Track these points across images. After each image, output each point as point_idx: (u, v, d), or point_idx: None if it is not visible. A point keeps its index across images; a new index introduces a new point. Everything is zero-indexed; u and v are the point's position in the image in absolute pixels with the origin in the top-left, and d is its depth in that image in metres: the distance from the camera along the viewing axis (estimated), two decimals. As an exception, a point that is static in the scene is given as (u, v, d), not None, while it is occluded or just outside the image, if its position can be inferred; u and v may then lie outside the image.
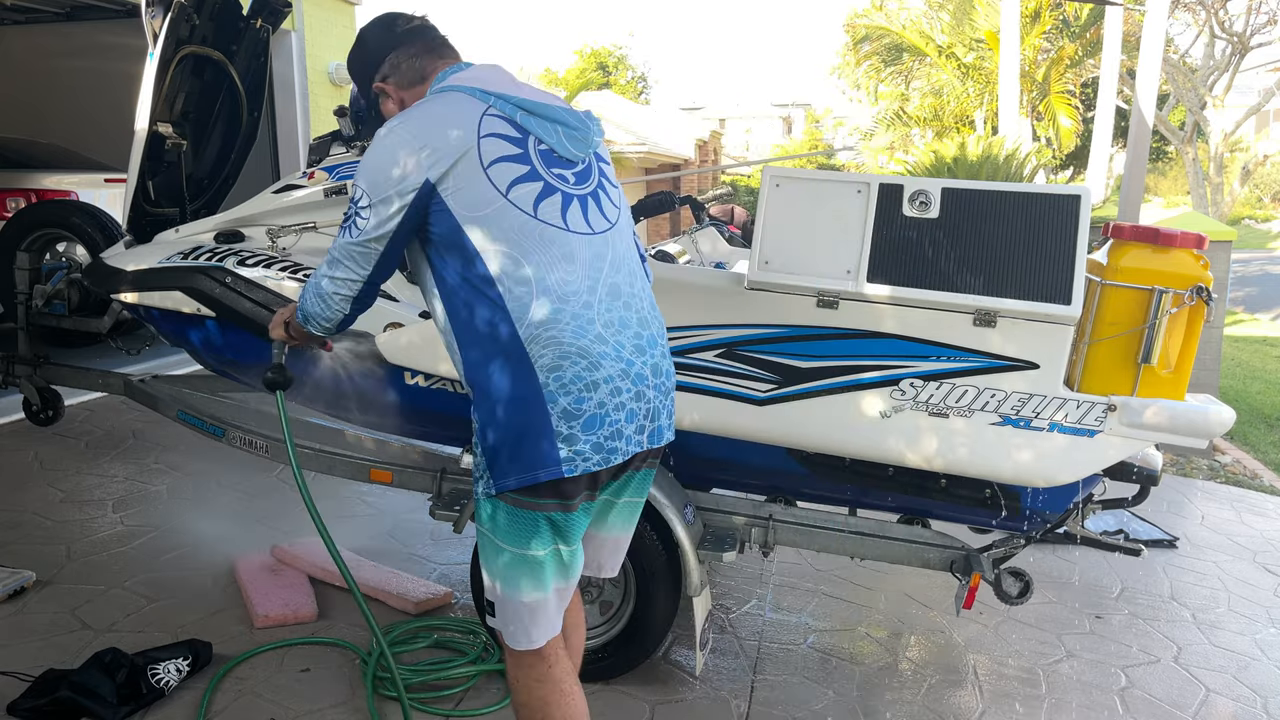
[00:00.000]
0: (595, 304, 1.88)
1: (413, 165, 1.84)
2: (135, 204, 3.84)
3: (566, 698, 1.97)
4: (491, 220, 1.84)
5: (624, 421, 1.87)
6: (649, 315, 1.99)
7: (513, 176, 1.87)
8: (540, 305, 1.82)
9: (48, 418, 4.56)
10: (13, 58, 9.77)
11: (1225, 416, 2.59)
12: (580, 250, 1.90)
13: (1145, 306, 2.57)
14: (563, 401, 1.81)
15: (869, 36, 19.58)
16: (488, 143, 1.87)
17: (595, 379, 1.83)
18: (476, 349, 1.87)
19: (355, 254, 1.92)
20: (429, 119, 1.90)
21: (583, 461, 1.83)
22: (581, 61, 36.09)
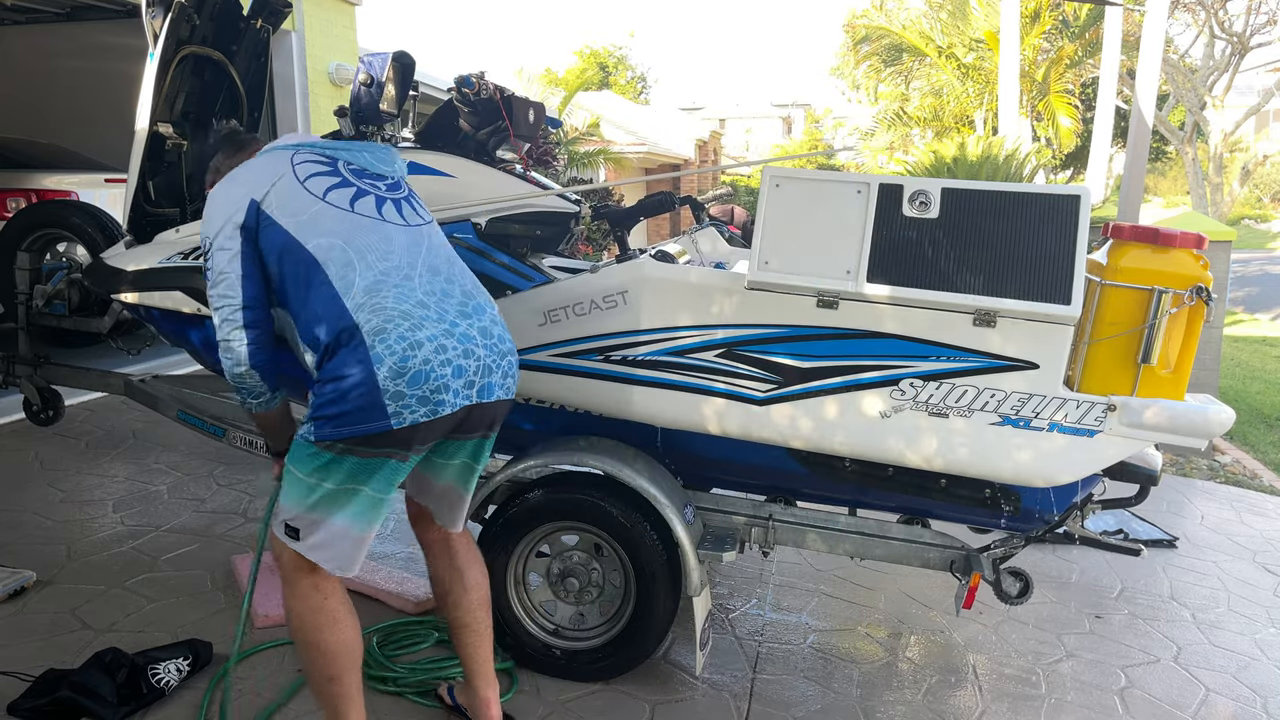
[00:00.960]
0: (415, 277, 2.17)
1: (237, 196, 2.18)
2: (135, 204, 3.84)
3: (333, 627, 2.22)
4: (314, 219, 2.16)
5: (451, 377, 2.09)
6: (473, 290, 2.29)
7: (328, 185, 2.23)
8: (363, 279, 2.10)
9: (48, 418, 4.56)
10: (13, 58, 9.77)
11: (1225, 416, 2.59)
12: (397, 236, 2.22)
13: (1145, 306, 2.57)
14: (389, 361, 2.03)
15: (869, 37, 19.57)
16: (301, 166, 2.25)
17: (419, 338, 2.06)
18: (316, 334, 2.10)
19: (220, 292, 2.16)
20: (243, 168, 2.30)
21: (410, 414, 2.05)
22: (581, 62, 36.09)
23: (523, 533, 2.92)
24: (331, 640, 2.21)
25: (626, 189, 14.15)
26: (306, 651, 2.23)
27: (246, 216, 2.15)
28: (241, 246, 2.15)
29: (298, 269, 2.12)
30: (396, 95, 3.62)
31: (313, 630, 2.21)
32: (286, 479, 2.18)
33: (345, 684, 2.23)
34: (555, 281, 3.15)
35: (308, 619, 2.21)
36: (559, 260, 3.70)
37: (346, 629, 2.23)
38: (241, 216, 2.15)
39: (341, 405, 2.04)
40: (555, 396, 2.91)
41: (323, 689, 2.25)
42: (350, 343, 2.05)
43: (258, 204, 2.16)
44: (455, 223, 3.43)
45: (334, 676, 2.22)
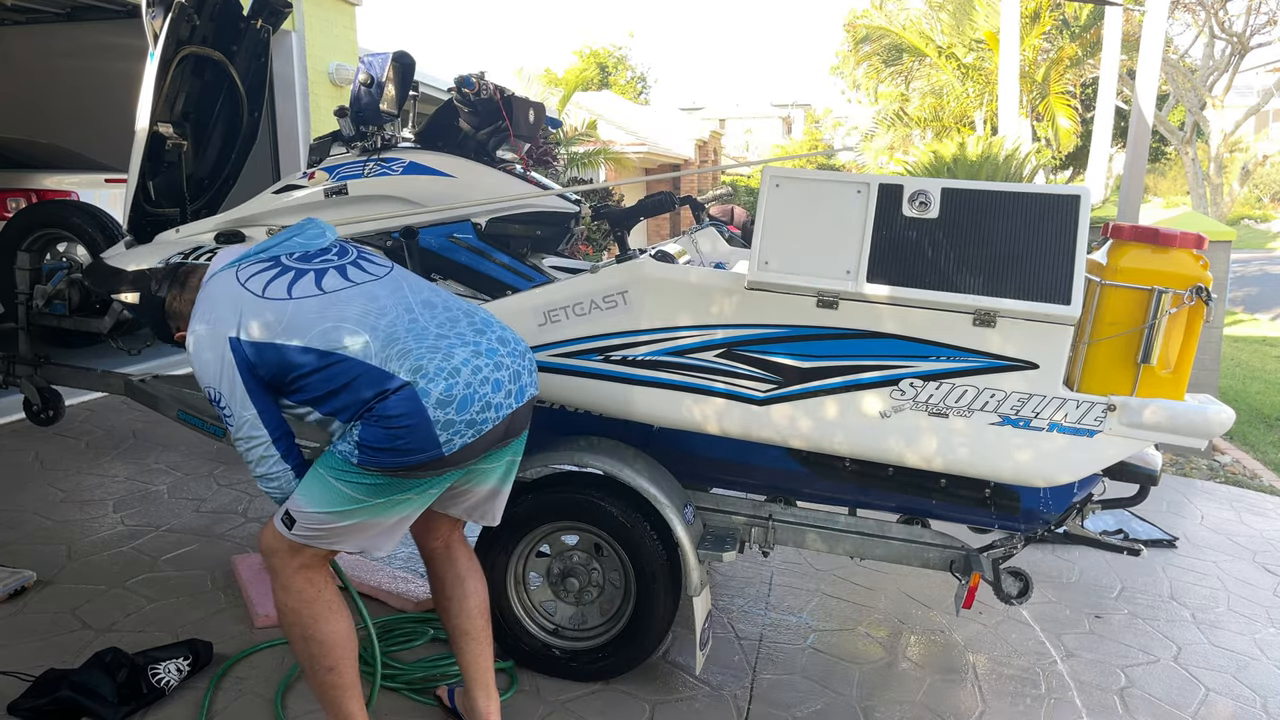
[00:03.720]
0: (419, 317, 2.18)
1: (214, 341, 2.13)
2: (136, 204, 3.84)
3: (330, 617, 2.24)
4: (296, 321, 2.12)
5: (491, 392, 2.14)
6: (471, 308, 2.30)
7: (287, 283, 2.20)
8: (376, 338, 2.10)
9: (48, 418, 4.55)
10: (13, 58, 9.77)
11: (1225, 416, 2.59)
12: (378, 290, 2.23)
13: (1145, 306, 2.57)
14: (435, 392, 2.05)
15: (870, 36, 19.58)
16: (252, 281, 2.21)
17: (454, 365, 2.09)
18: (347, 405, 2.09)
19: (245, 435, 2.15)
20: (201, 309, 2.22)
21: (459, 439, 2.09)
22: (581, 62, 36.09)
23: (523, 533, 2.92)
24: (328, 630, 2.22)
25: (626, 189, 14.15)
26: (304, 645, 2.23)
27: (236, 355, 2.12)
28: (244, 385, 2.12)
29: (305, 368, 2.10)
30: (396, 95, 3.63)
31: (309, 622, 2.22)
32: (313, 479, 2.16)
33: (343, 674, 2.25)
34: (555, 281, 3.15)
35: (303, 611, 2.22)
36: (559, 260, 3.71)
37: (342, 619, 2.25)
38: (232, 357, 2.12)
39: (394, 444, 2.05)
40: (555, 397, 2.91)
41: (322, 680, 2.25)
42: (393, 389, 2.05)
43: (235, 338, 2.12)
44: (455, 223, 3.43)
45: (332, 667, 2.23)
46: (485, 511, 2.49)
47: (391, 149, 3.48)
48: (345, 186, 3.45)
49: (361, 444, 2.07)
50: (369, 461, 2.07)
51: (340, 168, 3.48)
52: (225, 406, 2.14)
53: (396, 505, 2.17)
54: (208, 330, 2.15)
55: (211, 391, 2.15)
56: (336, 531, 2.17)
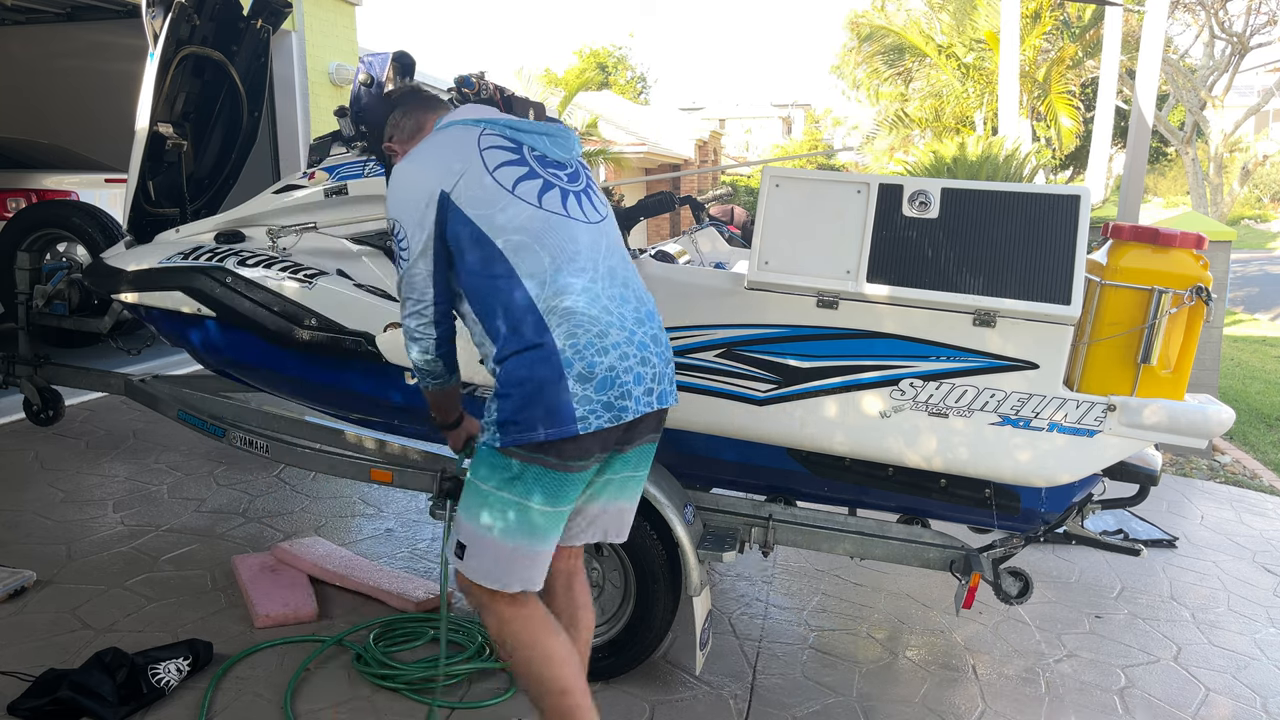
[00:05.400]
0: (599, 280, 2.11)
1: (427, 183, 2.10)
2: (136, 204, 3.84)
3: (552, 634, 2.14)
4: (502, 214, 2.08)
5: (632, 383, 2.06)
6: (644, 295, 2.23)
7: (516, 176, 2.13)
8: (553, 281, 2.05)
9: (48, 418, 4.56)
10: (13, 58, 9.77)
11: (1225, 416, 2.59)
12: (581, 235, 2.14)
13: (1145, 306, 2.57)
14: (578, 366, 2.00)
15: (871, 37, 19.58)
16: (489, 153, 2.14)
17: (605, 345, 2.03)
18: (500, 331, 2.06)
19: (413, 281, 2.14)
20: (430, 146, 2.19)
21: (595, 419, 2.01)
22: (581, 62, 36.09)
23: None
24: (554, 648, 2.12)
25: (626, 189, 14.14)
26: (532, 669, 2.11)
27: (438, 211, 2.08)
28: (432, 241, 2.10)
29: (486, 264, 2.07)
30: (396, 95, 3.62)
31: (530, 646, 2.12)
32: (467, 490, 2.13)
33: (578, 694, 2.12)
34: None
35: (523, 637, 2.12)
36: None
37: (558, 638, 2.15)
38: (433, 211, 2.08)
39: (529, 410, 2.00)
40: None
41: (558, 705, 2.11)
42: (539, 346, 2.01)
43: (447, 194, 2.08)
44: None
45: (566, 688, 2.11)
46: (611, 528, 2.34)
47: (391, 149, 3.48)
48: (345, 186, 3.44)
49: (500, 421, 2.02)
50: (509, 440, 2.01)
51: (340, 168, 3.48)
52: (405, 248, 2.11)
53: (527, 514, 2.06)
54: (424, 171, 2.11)
55: (397, 227, 2.12)
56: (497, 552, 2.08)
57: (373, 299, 3.21)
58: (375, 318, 3.12)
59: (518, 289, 2.05)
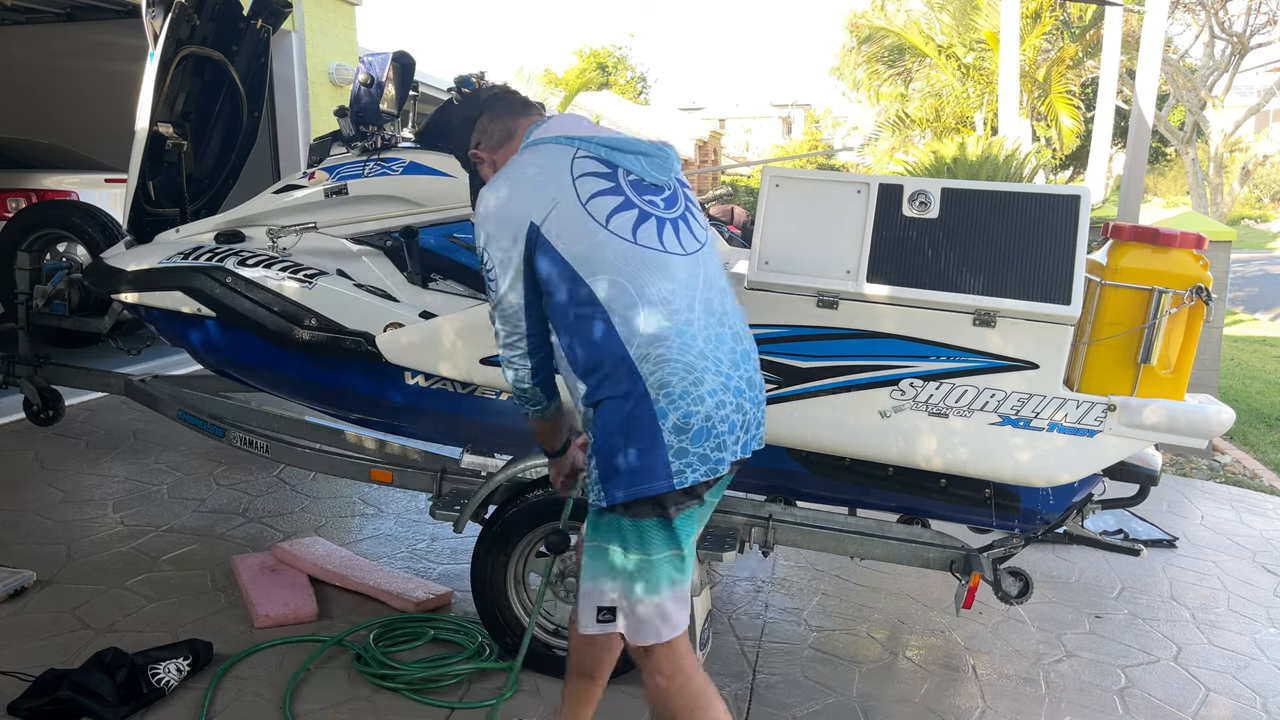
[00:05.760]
0: (695, 321, 1.98)
1: (516, 212, 1.97)
2: (136, 204, 3.84)
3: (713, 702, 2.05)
4: (594, 252, 1.95)
5: (727, 433, 1.96)
6: (741, 331, 2.10)
7: (610, 208, 2.00)
8: (647, 325, 1.93)
9: (48, 418, 4.56)
10: (13, 58, 9.77)
11: (1225, 416, 2.59)
12: (677, 270, 2.01)
13: (1145, 306, 2.57)
14: (673, 417, 1.91)
15: (871, 38, 19.58)
16: (582, 181, 2.01)
17: (701, 393, 1.93)
18: (592, 372, 1.97)
19: (505, 312, 2.04)
20: (523, 169, 2.04)
21: (691, 473, 1.92)
22: (581, 62, 36.10)
23: (523, 533, 2.92)
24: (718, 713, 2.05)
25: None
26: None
27: (525, 242, 1.96)
28: (521, 274, 1.98)
29: (576, 303, 1.96)
30: (396, 95, 3.63)
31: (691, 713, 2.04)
32: (592, 555, 2.03)
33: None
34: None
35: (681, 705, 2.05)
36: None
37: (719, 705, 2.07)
38: (522, 244, 1.96)
39: (625, 465, 1.92)
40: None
41: None
42: (632, 394, 1.91)
43: (537, 227, 1.95)
44: (455, 223, 3.43)
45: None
46: None
47: (391, 149, 3.48)
48: (345, 186, 3.45)
49: (601, 480, 1.95)
50: (613, 498, 1.93)
51: (340, 168, 3.48)
52: (493, 279, 2.01)
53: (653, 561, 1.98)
54: (513, 198, 1.99)
55: (485, 256, 2.01)
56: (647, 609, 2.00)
57: (373, 299, 3.21)
58: (375, 318, 3.12)
59: (609, 332, 1.93)
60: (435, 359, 2.98)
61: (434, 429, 3.39)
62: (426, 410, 3.21)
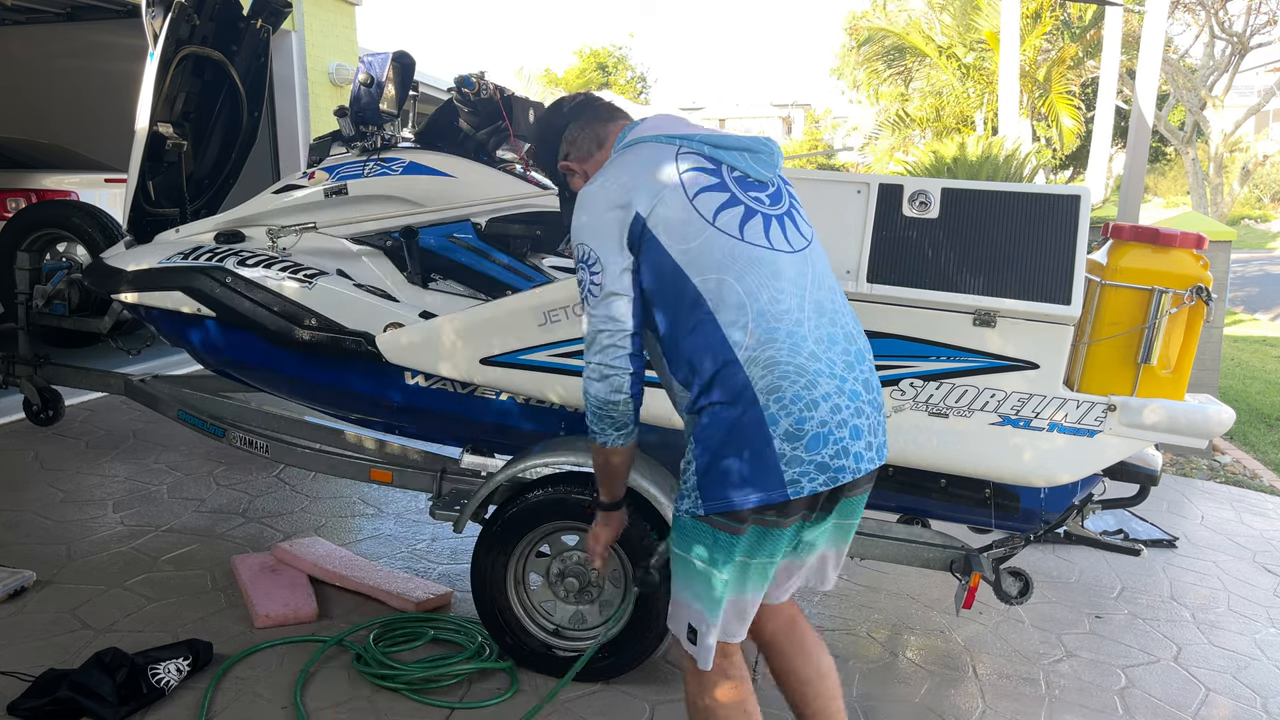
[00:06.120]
0: (805, 321, 1.89)
1: (621, 206, 1.89)
2: (135, 204, 3.84)
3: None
4: (702, 247, 1.87)
5: (849, 439, 1.85)
6: (854, 331, 2.00)
7: (716, 204, 1.91)
8: (756, 326, 1.84)
9: (48, 418, 4.56)
10: (13, 58, 9.78)
11: (1225, 416, 2.59)
12: (785, 268, 1.92)
13: (1145, 306, 2.57)
14: (784, 423, 1.81)
15: (871, 38, 19.59)
16: (688, 176, 1.93)
17: (814, 397, 1.82)
18: (697, 378, 1.88)
19: (609, 308, 1.90)
20: (627, 166, 1.96)
21: (808, 483, 1.82)
22: (581, 62, 36.11)
23: (523, 533, 2.92)
24: None
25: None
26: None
27: (631, 233, 1.88)
28: (630, 263, 1.89)
29: (680, 303, 1.87)
30: (396, 95, 3.63)
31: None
32: (680, 568, 1.96)
33: None
34: (555, 281, 3.15)
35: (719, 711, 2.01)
36: (559, 260, 3.71)
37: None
38: (627, 235, 1.89)
39: (731, 474, 1.82)
40: (555, 396, 2.91)
41: None
42: (740, 400, 1.82)
43: (644, 221, 1.87)
44: (455, 223, 3.43)
45: None
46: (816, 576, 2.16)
47: (391, 149, 3.48)
48: (345, 186, 3.45)
49: (700, 486, 1.86)
50: (712, 508, 1.85)
51: (340, 167, 3.48)
52: (597, 274, 1.89)
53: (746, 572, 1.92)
54: (618, 192, 1.90)
55: (586, 252, 1.91)
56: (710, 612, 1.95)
57: (373, 299, 3.21)
58: (375, 318, 3.12)
59: (716, 334, 1.84)
60: (435, 359, 2.98)
61: (434, 429, 3.39)
62: (426, 410, 3.21)
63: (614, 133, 2.11)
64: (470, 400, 3.12)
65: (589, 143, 2.13)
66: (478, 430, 3.22)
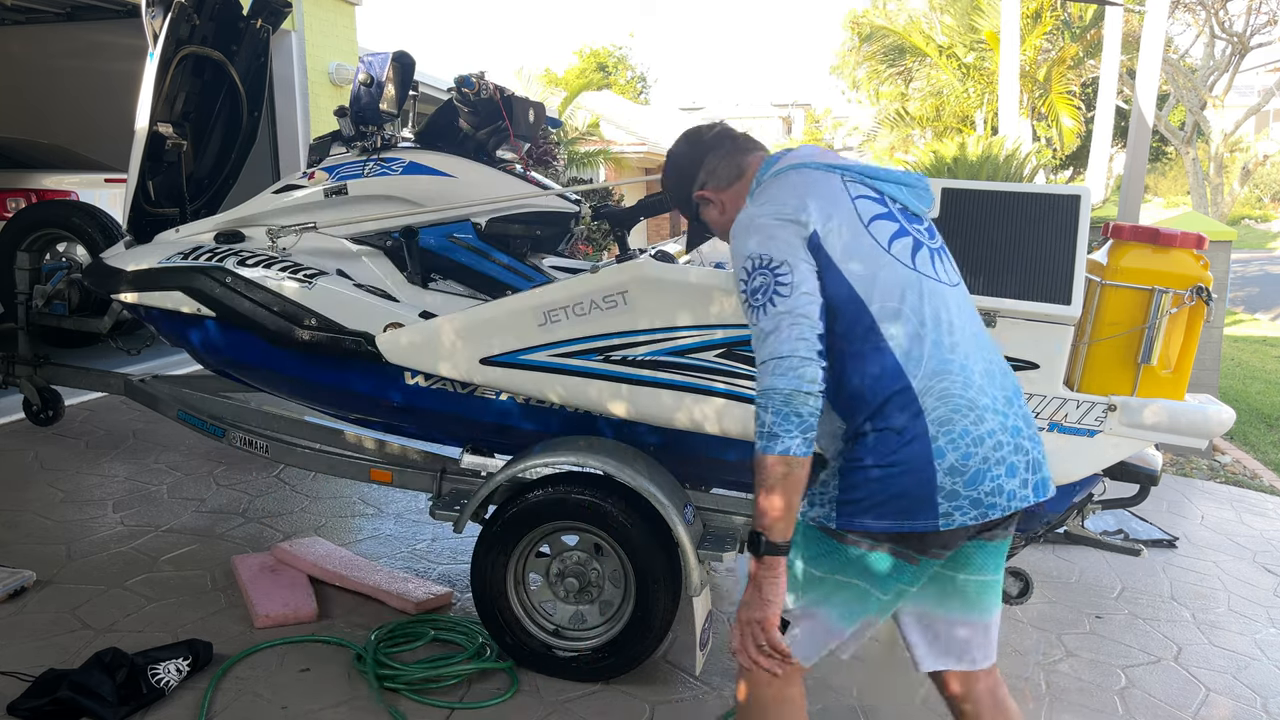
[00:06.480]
0: (972, 354, 1.85)
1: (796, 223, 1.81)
2: (135, 204, 3.84)
3: None
4: (878, 275, 1.81)
5: (1005, 476, 1.80)
6: (1006, 366, 1.96)
7: (889, 232, 1.87)
8: (931, 357, 1.79)
9: (48, 418, 4.56)
10: (13, 58, 9.77)
11: (1225, 416, 2.59)
12: (950, 301, 1.88)
13: (1145, 306, 2.57)
14: (951, 457, 1.76)
15: (871, 37, 19.59)
16: (861, 203, 1.87)
17: (980, 433, 1.78)
18: (863, 406, 1.81)
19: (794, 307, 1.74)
20: (793, 189, 1.87)
21: (960, 515, 1.77)
22: (581, 62, 36.10)
23: (523, 533, 2.92)
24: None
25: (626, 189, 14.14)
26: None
27: (807, 248, 1.79)
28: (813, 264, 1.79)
29: (853, 328, 1.80)
30: (396, 95, 3.63)
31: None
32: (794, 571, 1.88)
33: None
34: (555, 281, 3.15)
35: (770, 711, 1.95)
36: (559, 260, 3.71)
37: None
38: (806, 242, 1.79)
39: (887, 498, 1.77)
40: (555, 396, 2.91)
41: None
42: (909, 430, 1.76)
43: (819, 238, 1.79)
44: (455, 223, 3.43)
45: None
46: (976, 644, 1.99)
47: (391, 149, 3.48)
48: (345, 186, 3.45)
49: (845, 500, 1.80)
50: (853, 524, 1.79)
51: (340, 167, 3.48)
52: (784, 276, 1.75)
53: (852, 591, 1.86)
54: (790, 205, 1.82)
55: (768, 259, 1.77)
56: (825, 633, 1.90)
57: (373, 299, 3.21)
58: (375, 318, 3.12)
59: (890, 361, 1.78)
60: (435, 359, 2.98)
61: (434, 429, 3.39)
62: (426, 410, 3.21)
63: (754, 164, 2.04)
64: (470, 400, 3.12)
65: (729, 172, 2.07)
66: (478, 430, 3.22)
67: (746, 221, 1.86)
